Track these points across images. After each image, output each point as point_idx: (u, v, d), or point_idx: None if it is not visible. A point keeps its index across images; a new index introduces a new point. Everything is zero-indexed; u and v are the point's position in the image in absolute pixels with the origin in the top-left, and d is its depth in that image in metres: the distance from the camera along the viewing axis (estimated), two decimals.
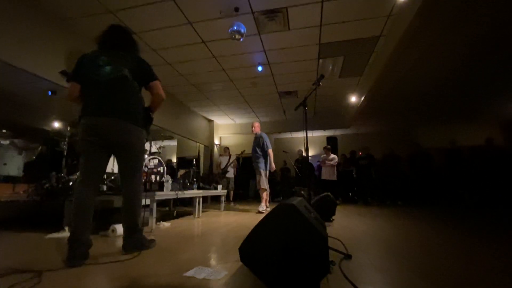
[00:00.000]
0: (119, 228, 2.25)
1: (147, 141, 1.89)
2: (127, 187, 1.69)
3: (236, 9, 3.48)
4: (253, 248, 1.04)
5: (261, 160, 4.51)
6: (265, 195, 4.48)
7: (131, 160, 1.69)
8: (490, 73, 5.24)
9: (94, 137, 1.56)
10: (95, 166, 1.61)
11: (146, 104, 1.82)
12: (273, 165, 4.61)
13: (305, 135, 2.28)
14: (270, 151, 4.57)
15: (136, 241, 1.67)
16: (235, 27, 3.55)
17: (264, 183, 4.47)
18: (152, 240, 1.82)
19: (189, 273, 1.25)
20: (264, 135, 4.65)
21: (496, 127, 8.33)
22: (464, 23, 3.63)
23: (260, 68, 5.10)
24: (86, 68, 1.65)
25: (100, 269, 1.36)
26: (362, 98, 6.11)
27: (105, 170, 1.73)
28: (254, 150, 4.59)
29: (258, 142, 4.58)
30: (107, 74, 1.62)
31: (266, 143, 4.55)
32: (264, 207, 4.39)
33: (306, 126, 2.26)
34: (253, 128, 4.71)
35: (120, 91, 1.63)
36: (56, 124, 6.78)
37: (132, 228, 1.67)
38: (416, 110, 7.70)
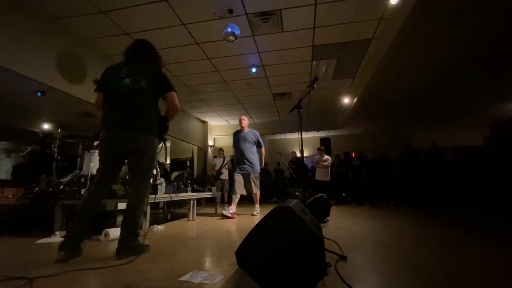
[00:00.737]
0: (112, 232, 2.22)
1: (162, 147, 2.04)
2: (134, 191, 1.76)
3: (230, 11, 3.48)
4: (250, 252, 1.03)
5: (257, 160, 4.15)
6: (258, 197, 4.25)
7: (143, 166, 1.79)
8: (479, 74, 5.37)
9: (115, 147, 1.73)
10: (110, 173, 1.79)
11: (163, 113, 1.95)
12: (263, 163, 4.39)
13: (300, 137, 2.29)
14: (263, 149, 4.33)
15: (131, 246, 1.66)
16: (229, 29, 3.55)
17: (258, 185, 4.21)
18: (147, 245, 1.80)
19: (185, 278, 1.24)
20: (257, 132, 4.29)
21: (485, 128, 8.56)
22: (455, 26, 3.72)
23: (254, 70, 5.11)
24: (109, 79, 1.81)
25: (93, 275, 1.34)
26: (355, 100, 6.19)
27: (118, 174, 1.85)
28: (246, 147, 4.09)
29: (251, 138, 4.14)
30: (126, 85, 1.76)
31: (261, 141, 4.23)
32: (258, 209, 4.22)
33: (301, 127, 2.27)
34: (243, 122, 4.21)
35: (135, 101, 1.76)
36: (46, 126, 6.64)
37: (131, 232, 1.69)
38: (407, 112, 7.84)
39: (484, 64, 4.89)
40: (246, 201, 5.98)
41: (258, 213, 4.13)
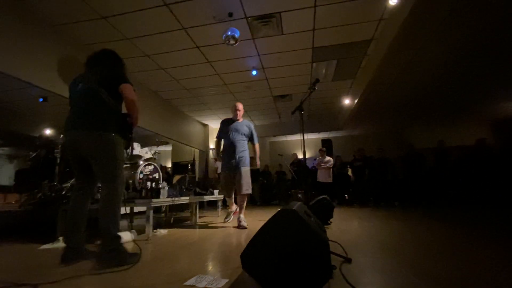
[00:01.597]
0: None
1: (127, 147, 1.86)
2: (102, 196, 1.67)
3: (230, 14, 3.50)
4: (254, 255, 1.03)
5: (247, 153, 3.36)
6: (245, 202, 3.28)
7: (102, 168, 1.67)
8: (479, 74, 5.37)
9: (72, 151, 1.73)
10: (83, 176, 1.77)
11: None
12: (259, 162, 3.51)
13: (302, 138, 2.30)
14: (258, 145, 3.51)
15: (108, 255, 1.53)
16: (229, 32, 3.57)
17: (250, 185, 3.24)
18: (134, 254, 1.64)
19: (190, 282, 1.23)
20: (252, 124, 3.55)
21: (486, 127, 8.54)
22: (454, 26, 3.72)
23: (254, 72, 5.12)
24: (71, 88, 1.83)
25: (97, 280, 1.33)
26: (356, 101, 6.19)
27: (93, 178, 1.76)
28: (238, 139, 3.29)
29: (245, 130, 3.38)
30: (80, 90, 1.75)
31: (255, 135, 3.46)
32: (244, 219, 3.12)
33: (303, 129, 2.28)
34: (238, 111, 3.45)
35: (86, 103, 1.70)
36: (48, 131, 6.66)
37: (104, 234, 1.59)
38: (408, 112, 7.83)
39: (483, 63, 4.89)
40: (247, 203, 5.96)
41: (245, 223, 3.04)
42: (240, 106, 3.52)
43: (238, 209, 3.24)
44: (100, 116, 1.68)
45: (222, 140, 3.46)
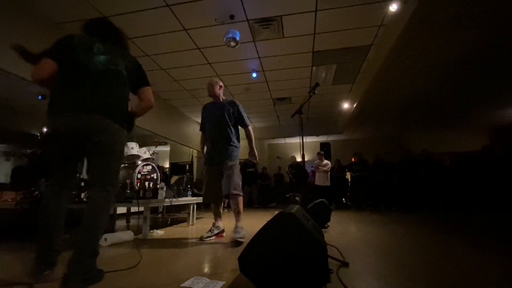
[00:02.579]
0: (111, 238, 2.21)
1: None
2: (96, 197, 1.36)
3: (232, 17, 3.52)
4: (252, 258, 1.03)
5: (237, 144, 2.60)
6: (242, 205, 2.50)
7: (109, 166, 1.40)
8: (478, 80, 5.42)
9: (68, 138, 1.32)
10: (65, 172, 1.40)
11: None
12: (256, 152, 2.68)
13: (301, 142, 2.30)
14: (251, 128, 2.67)
15: (86, 271, 1.22)
16: (230, 34, 3.59)
17: (240, 182, 2.50)
18: (100, 271, 1.33)
19: (186, 284, 1.23)
20: (239, 103, 2.68)
21: (484, 133, 8.61)
22: (453, 32, 3.77)
23: (254, 75, 5.14)
24: (75, 50, 1.40)
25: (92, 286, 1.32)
26: (355, 105, 6.22)
27: (75, 175, 1.48)
28: (221, 123, 2.56)
29: (229, 111, 2.59)
30: (102, 64, 1.40)
31: (245, 115, 2.65)
32: (242, 229, 2.35)
33: (302, 133, 2.28)
34: (216, 87, 2.69)
35: (111, 85, 1.41)
36: (46, 129, 6.63)
37: (87, 250, 1.25)
38: (407, 117, 7.88)
39: (482, 69, 4.94)
40: (245, 205, 5.90)
41: (242, 237, 2.25)
42: (214, 82, 2.70)
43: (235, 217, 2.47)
44: (123, 108, 1.44)
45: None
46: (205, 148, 2.72)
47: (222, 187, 2.44)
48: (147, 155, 3.71)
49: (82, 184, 2.84)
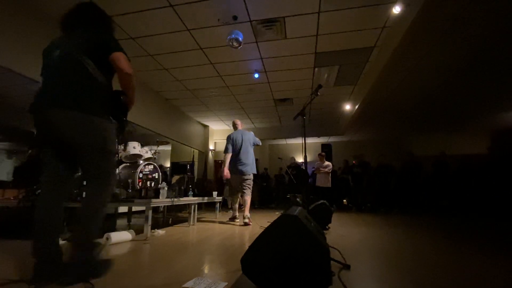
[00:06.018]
0: (114, 236, 2.21)
1: (120, 133, 1.47)
2: (87, 192, 1.38)
3: (235, 18, 3.52)
4: (255, 259, 1.03)
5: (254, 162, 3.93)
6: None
7: (89, 159, 1.32)
8: (481, 83, 5.41)
9: (45, 135, 1.36)
10: (58, 166, 1.38)
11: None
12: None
13: (303, 143, 2.30)
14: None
15: (81, 261, 1.25)
16: (233, 35, 3.59)
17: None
18: (105, 263, 1.35)
19: (188, 284, 1.23)
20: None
21: (487, 136, 8.58)
22: (457, 35, 3.75)
23: (256, 75, 5.14)
24: (44, 57, 1.45)
25: (94, 280, 1.32)
26: (357, 106, 6.21)
27: (72, 169, 1.43)
28: (247, 149, 3.88)
29: (250, 140, 3.96)
30: (56, 58, 1.36)
31: (257, 141, 4.08)
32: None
33: (304, 134, 2.28)
34: (238, 125, 4.14)
35: (65, 74, 1.33)
36: None
37: (79, 244, 1.29)
38: (409, 119, 7.86)
39: (485, 72, 4.92)
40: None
41: (249, 220, 3.59)
42: (238, 121, 4.20)
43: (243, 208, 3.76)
44: (83, 92, 1.31)
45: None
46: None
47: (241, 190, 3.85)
48: (148, 155, 3.72)
49: (84, 183, 2.85)
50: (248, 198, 3.78)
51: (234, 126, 4.13)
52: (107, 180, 1.37)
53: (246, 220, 3.54)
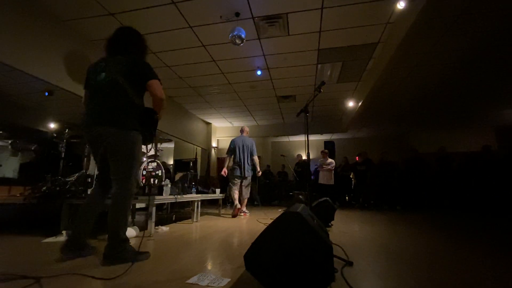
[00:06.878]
0: None
1: (149, 143, 1.84)
2: (114, 193, 1.66)
3: (237, 14, 3.50)
4: (258, 256, 1.04)
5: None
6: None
7: (117, 165, 1.66)
8: (485, 79, 5.34)
9: (93, 148, 1.73)
10: (105, 172, 1.73)
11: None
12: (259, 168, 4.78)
13: (306, 140, 2.30)
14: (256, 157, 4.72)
15: (116, 253, 1.56)
16: (235, 32, 3.57)
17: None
18: (144, 253, 1.67)
19: (192, 280, 1.24)
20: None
21: (491, 133, 8.48)
22: (461, 31, 3.71)
23: (259, 72, 5.12)
24: (89, 76, 1.77)
25: (100, 275, 1.34)
26: (360, 103, 6.17)
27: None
28: (248, 156, 4.53)
29: (248, 147, 4.55)
30: (101, 80, 1.68)
31: (253, 152, 4.62)
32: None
33: (307, 131, 2.28)
34: (243, 131, 4.74)
35: (108, 95, 1.66)
36: (52, 125, 6.71)
37: (112, 237, 1.59)
38: (412, 116, 7.80)
39: (490, 69, 4.86)
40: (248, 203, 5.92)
41: (246, 211, 4.63)
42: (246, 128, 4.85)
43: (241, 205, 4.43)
44: (123, 112, 1.66)
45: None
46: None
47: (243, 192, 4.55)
48: (152, 152, 3.74)
49: (89, 180, 2.88)
50: (245, 197, 4.56)
51: (241, 131, 4.78)
52: (130, 182, 1.69)
53: (242, 214, 4.40)
